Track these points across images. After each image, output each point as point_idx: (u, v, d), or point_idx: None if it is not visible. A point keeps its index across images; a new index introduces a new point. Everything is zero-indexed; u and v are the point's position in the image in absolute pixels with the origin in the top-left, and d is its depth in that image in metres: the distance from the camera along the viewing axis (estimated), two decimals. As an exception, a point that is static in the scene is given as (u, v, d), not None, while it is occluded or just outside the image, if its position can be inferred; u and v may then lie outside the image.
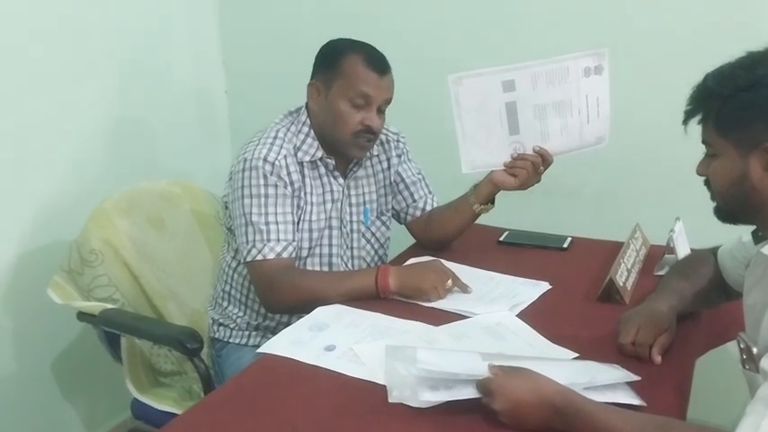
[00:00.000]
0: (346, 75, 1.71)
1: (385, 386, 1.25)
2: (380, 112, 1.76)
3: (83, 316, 1.85)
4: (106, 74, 2.30)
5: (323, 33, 1.82)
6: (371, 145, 1.80)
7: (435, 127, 1.92)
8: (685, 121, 1.22)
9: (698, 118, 1.20)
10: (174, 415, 1.71)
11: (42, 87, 2.08)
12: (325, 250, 1.85)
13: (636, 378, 1.23)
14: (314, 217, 1.81)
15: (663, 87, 2.10)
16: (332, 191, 1.83)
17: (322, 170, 1.82)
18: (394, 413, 1.19)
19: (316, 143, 1.79)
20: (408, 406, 1.19)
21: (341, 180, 1.85)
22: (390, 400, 1.21)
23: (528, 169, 1.74)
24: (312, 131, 1.79)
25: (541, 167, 1.75)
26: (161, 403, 1.82)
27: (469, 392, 1.15)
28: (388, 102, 1.76)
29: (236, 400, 1.27)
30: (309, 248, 1.82)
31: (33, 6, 2.03)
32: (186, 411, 1.30)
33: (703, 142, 1.22)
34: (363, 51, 1.74)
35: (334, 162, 1.81)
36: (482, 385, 1.15)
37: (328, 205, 1.83)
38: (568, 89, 1.69)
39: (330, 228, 1.84)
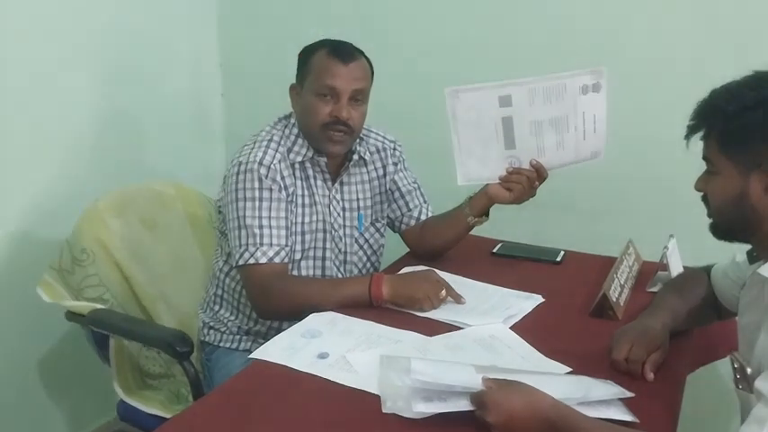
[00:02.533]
0: (314, 70, 1.74)
1: (378, 396, 1.25)
2: (355, 102, 1.74)
3: (72, 316, 1.83)
4: (102, 74, 2.29)
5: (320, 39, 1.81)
6: (347, 139, 1.77)
7: (432, 137, 1.93)
8: (687, 136, 1.22)
9: (700, 134, 1.21)
10: (160, 418, 1.70)
11: (37, 86, 2.07)
12: (319, 253, 1.85)
13: (629, 395, 1.23)
14: (306, 219, 1.81)
15: (659, 104, 2.15)
16: (319, 193, 1.83)
17: (310, 172, 1.82)
18: (387, 423, 1.18)
19: (305, 143, 1.80)
20: (402, 417, 1.18)
21: (329, 183, 1.85)
22: (384, 411, 1.20)
23: (523, 184, 1.74)
24: (301, 133, 1.80)
25: (536, 182, 1.75)
26: (148, 406, 1.80)
27: (463, 405, 1.15)
28: (361, 92, 1.75)
29: (226, 406, 1.27)
30: (303, 251, 1.82)
31: (30, 6, 2.02)
32: (176, 416, 1.30)
33: (704, 158, 1.23)
34: (330, 45, 1.75)
35: (326, 160, 1.81)
36: (476, 398, 1.14)
37: (318, 207, 1.83)
38: (565, 106, 1.69)
39: (323, 231, 1.84)
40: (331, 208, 1.86)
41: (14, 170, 2.04)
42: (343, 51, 1.74)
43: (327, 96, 1.72)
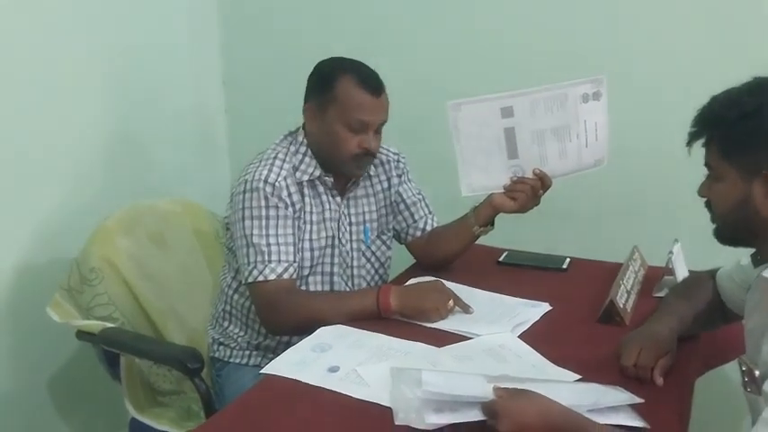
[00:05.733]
0: (341, 100, 1.72)
1: (389, 408, 1.25)
2: (377, 130, 1.77)
3: (82, 335, 1.84)
4: (107, 92, 2.31)
5: (324, 55, 1.82)
6: (370, 164, 1.84)
7: (436, 148, 1.94)
8: (689, 143, 1.24)
9: (702, 140, 1.22)
10: (172, 435, 1.71)
11: (43, 105, 2.08)
12: (327, 269, 1.86)
13: (639, 400, 1.23)
14: (314, 236, 1.82)
15: (662, 110, 2.16)
16: (330, 209, 1.85)
17: (320, 189, 1.83)
18: (399, 435, 1.19)
19: (314, 162, 1.81)
20: (414, 428, 1.19)
21: (338, 199, 1.86)
22: (396, 423, 1.21)
23: (527, 193, 1.75)
24: (309, 151, 1.81)
25: (540, 191, 1.77)
26: (159, 423, 1.81)
27: (475, 415, 1.15)
28: (385, 122, 1.78)
29: (239, 422, 1.28)
30: (311, 267, 1.83)
31: (34, 23, 2.04)
32: (190, 432, 1.31)
33: (706, 165, 1.24)
34: (355, 72, 1.74)
35: (332, 180, 1.83)
36: (487, 407, 1.15)
37: (327, 224, 1.84)
38: (567, 115, 1.71)
39: (331, 246, 1.85)
40: (340, 223, 1.87)
41: (22, 192, 2.05)
42: (372, 83, 1.73)
43: (357, 129, 1.73)
